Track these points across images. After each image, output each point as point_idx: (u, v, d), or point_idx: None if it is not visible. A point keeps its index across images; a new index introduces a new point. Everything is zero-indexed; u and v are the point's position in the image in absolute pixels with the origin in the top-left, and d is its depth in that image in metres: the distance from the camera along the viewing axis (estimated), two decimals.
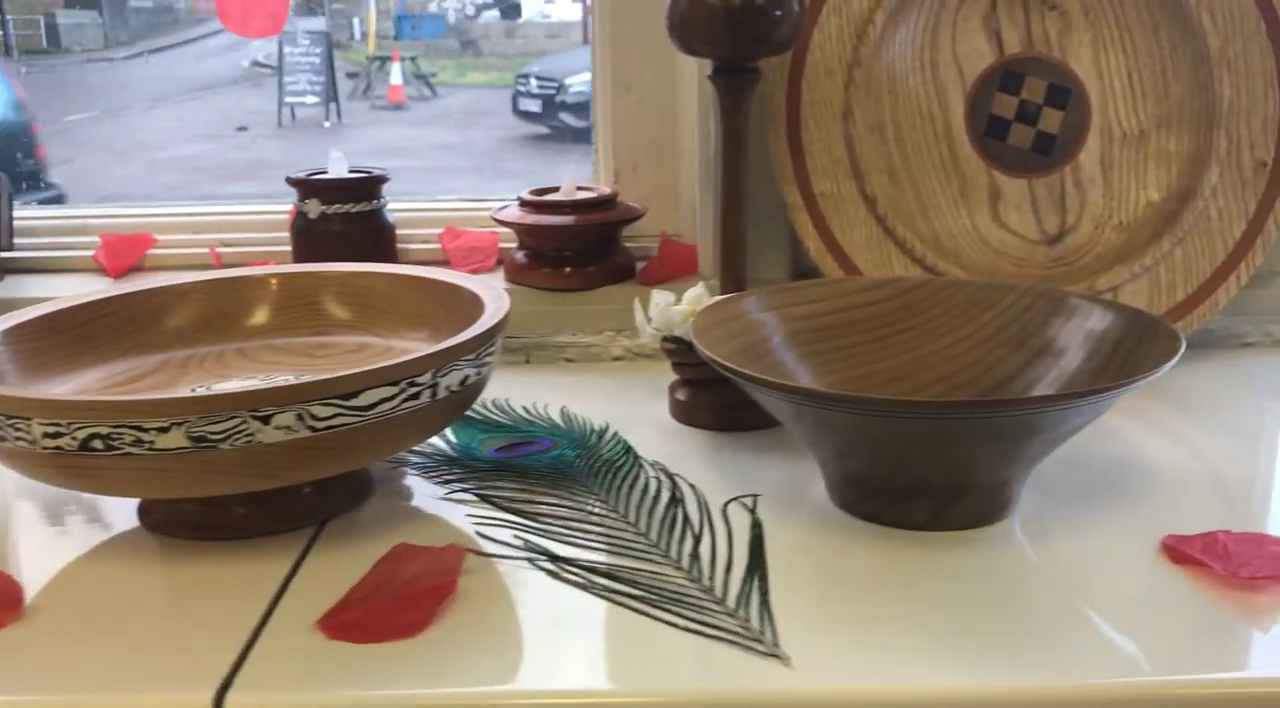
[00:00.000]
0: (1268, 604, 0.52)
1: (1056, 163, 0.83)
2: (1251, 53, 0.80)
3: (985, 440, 0.55)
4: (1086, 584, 0.55)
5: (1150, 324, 0.62)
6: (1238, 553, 0.56)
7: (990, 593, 0.54)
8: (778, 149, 0.81)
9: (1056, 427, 0.56)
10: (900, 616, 0.52)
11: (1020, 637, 0.50)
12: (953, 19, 0.82)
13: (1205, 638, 0.50)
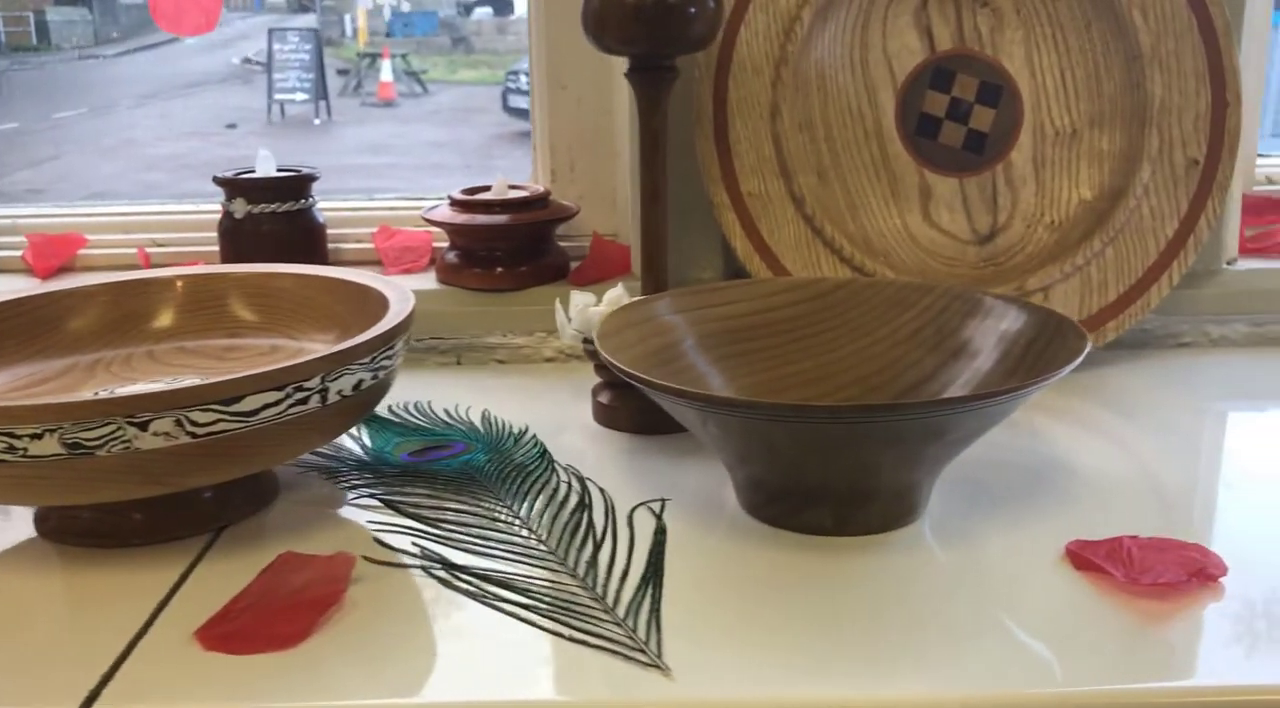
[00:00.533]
0: (1165, 612, 0.51)
1: (988, 161, 0.82)
2: (1183, 51, 0.79)
3: (881, 445, 0.54)
4: (989, 590, 0.54)
5: (1060, 325, 0.62)
6: (1141, 559, 0.55)
7: (890, 599, 0.53)
8: (704, 148, 0.80)
9: (956, 430, 0.55)
10: (796, 623, 0.51)
11: (913, 644, 0.49)
12: (883, 16, 0.81)
13: (1100, 646, 0.49)
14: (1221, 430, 0.74)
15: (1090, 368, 0.83)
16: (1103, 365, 0.84)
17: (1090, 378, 0.82)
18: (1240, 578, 0.54)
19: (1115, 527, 0.59)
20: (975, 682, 0.47)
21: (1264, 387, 0.82)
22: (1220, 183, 0.80)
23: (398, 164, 6.59)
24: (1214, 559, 0.55)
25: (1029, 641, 0.50)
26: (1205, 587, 0.53)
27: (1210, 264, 0.87)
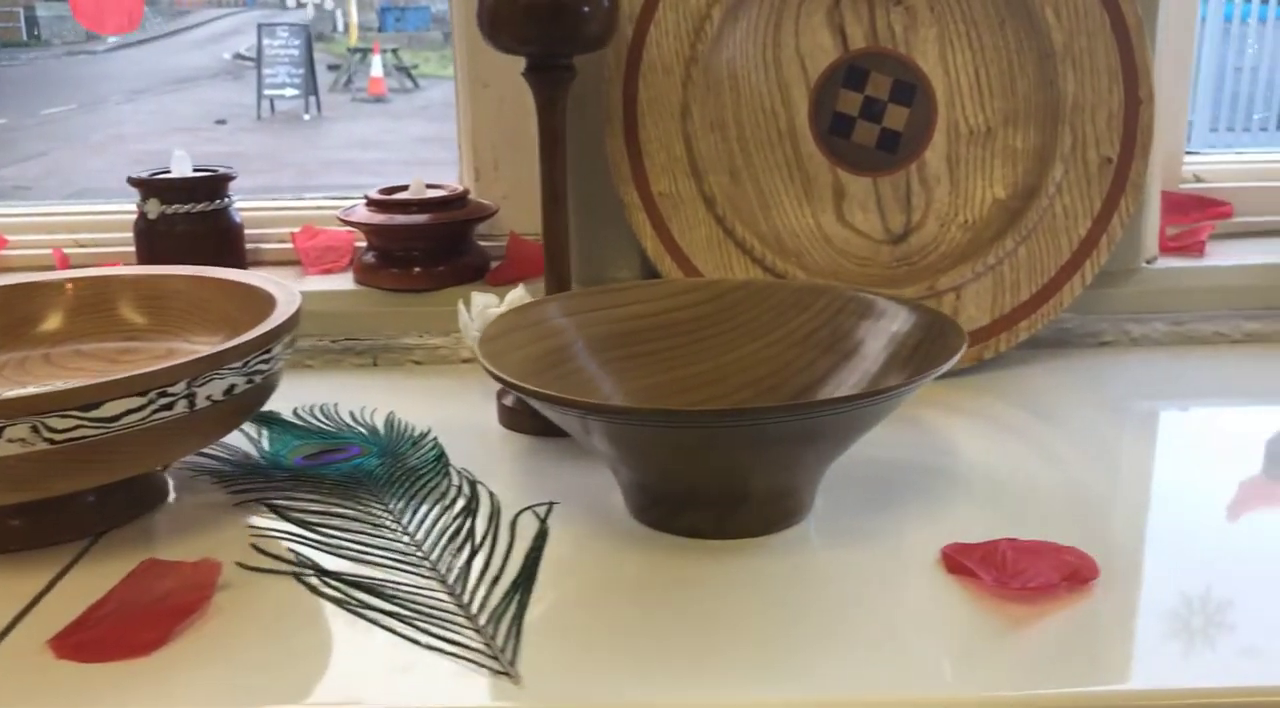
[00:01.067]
0: (1030, 616, 0.51)
1: (902, 160, 0.82)
2: (1096, 48, 0.79)
3: (748, 449, 0.54)
4: (863, 593, 0.54)
5: (942, 325, 0.61)
6: (1015, 562, 0.55)
7: (762, 603, 0.53)
8: (614, 148, 0.80)
9: (826, 433, 0.55)
10: (663, 628, 0.51)
11: (775, 649, 0.49)
12: (795, 14, 0.81)
13: (963, 650, 0.49)
14: (1133, 430, 0.74)
15: (1008, 367, 0.83)
16: (1021, 365, 0.83)
17: (1007, 377, 0.82)
18: (1113, 582, 0.54)
19: (1002, 529, 0.58)
20: (833, 687, 0.47)
21: (1182, 386, 0.81)
22: (1134, 181, 0.80)
23: (386, 160, 6.58)
24: (1089, 563, 0.54)
25: (893, 645, 0.49)
26: (1076, 591, 0.53)
27: (1129, 263, 0.86)
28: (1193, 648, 0.49)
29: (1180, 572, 0.55)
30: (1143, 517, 0.62)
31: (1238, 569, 0.55)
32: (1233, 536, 0.59)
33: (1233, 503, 0.63)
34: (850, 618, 0.52)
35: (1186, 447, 0.72)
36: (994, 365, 0.82)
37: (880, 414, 0.56)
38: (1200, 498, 0.63)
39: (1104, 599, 0.53)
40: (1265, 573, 0.55)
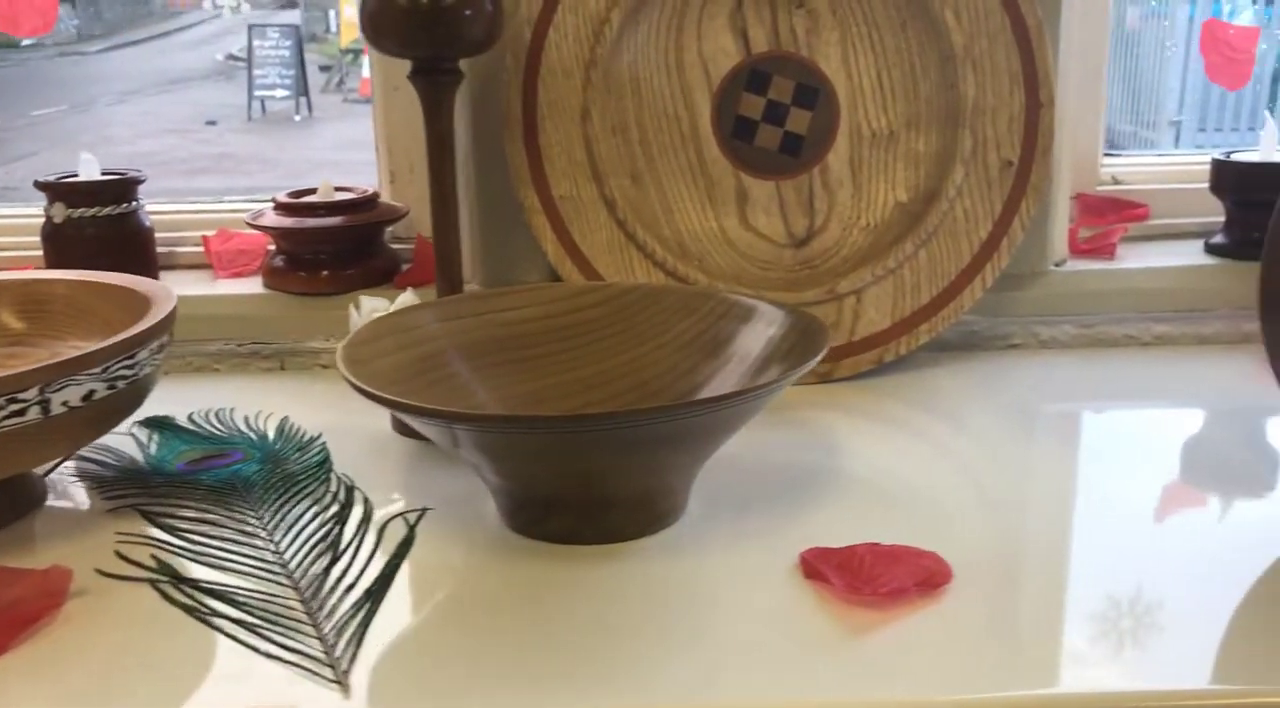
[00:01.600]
0: (875, 622, 0.51)
1: (805, 164, 0.82)
2: (997, 51, 0.79)
3: (601, 454, 0.53)
4: (718, 599, 0.54)
5: (810, 327, 0.61)
6: (872, 567, 0.55)
7: (615, 610, 0.53)
8: (514, 152, 0.79)
9: (683, 438, 0.55)
10: (512, 635, 0.51)
11: (620, 655, 0.49)
12: (697, 18, 0.80)
13: (801, 657, 0.49)
14: (1031, 433, 0.73)
15: (914, 369, 0.83)
16: (928, 367, 0.83)
17: (912, 380, 0.82)
18: (965, 588, 0.54)
19: (874, 532, 0.58)
20: (667, 695, 0.47)
21: (1088, 388, 0.81)
22: (1034, 184, 0.79)
23: (374, 161, 6.57)
24: (944, 568, 0.54)
25: (736, 652, 0.49)
26: (927, 596, 0.53)
27: (1037, 265, 0.86)
28: (1040, 652, 0.49)
29: (1040, 575, 0.56)
30: (1022, 520, 0.62)
31: (1108, 573, 0.55)
32: (1122, 539, 0.59)
33: (1128, 505, 0.63)
34: (698, 625, 0.52)
35: (1082, 449, 0.72)
36: (900, 368, 0.82)
37: (737, 417, 0.56)
38: (1091, 501, 0.63)
39: (954, 605, 0.53)
40: (1131, 577, 0.55)
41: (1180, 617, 0.52)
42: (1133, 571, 0.55)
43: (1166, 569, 0.55)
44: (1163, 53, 4.81)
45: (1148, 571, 0.55)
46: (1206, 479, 0.66)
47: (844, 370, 0.80)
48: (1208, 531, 0.60)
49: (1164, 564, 0.56)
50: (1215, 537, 0.59)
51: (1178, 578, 0.55)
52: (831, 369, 0.80)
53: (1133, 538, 0.59)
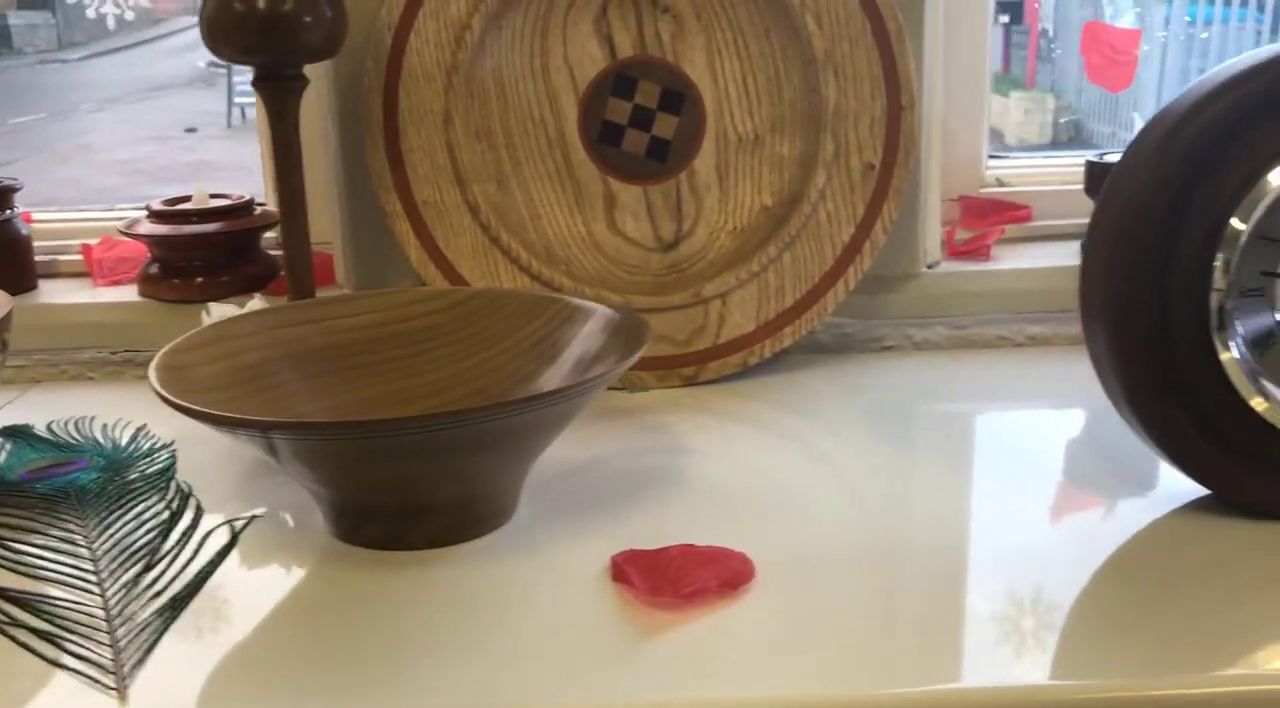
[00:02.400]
0: (667, 624, 0.51)
1: (672, 169, 0.82)
2: (858, 56, 0.79)
3: (404, 460, 0.54)
4: (526, 603, 0.54)
5: (635, 328, 0.62)
6: (679, 569, 0.55)
7: (420, 615, 0.53)
8: (375, 157, 0.80)
9: (494, 443, 0.55)
10: (308, 642, 0.51)
11: (413, 662, 0.49)
12: (562, 23, 0.81)
13: (591, 659, 0.49)
14: (891, 432, 0.74)
15: (787, 372, 0.83)
16: (801, 369, 0.84)
17: (781, 382, 0.82)
18: (767, 591, 0.54)
19: (701, 533, 0.58)
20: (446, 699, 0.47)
21: (957, 389, 0.82)
22: (896, 187, 0.80)
23: None
24: (748, 569, 0.55)
25: (528, 655, 0.50)
26: (728, 597, 0.53)
27: (909, 268, 0.86)
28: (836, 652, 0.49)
29: (856, 574, 0.56)
30: (852, 520, 0.62)
31: (940, 574, 0.56)
32: (972, 538, 0.60)
33: (985, 504, 0.63)
34: (498, 630, 0.52)
35: (945, 449, 0.73)
36: (771, 370, 0.82)
37: (547, 420, 0.56)
38: (945, 500, 0.64)
39: (754, 606, 0.53)
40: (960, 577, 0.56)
41: (1006, 616, 0.52)
42: (978, 570, 0.56)
43: (1004, 568, 0.56)
44: (1140, 54, 4.83)
45: (984, 569, 0.56)
46: (1061, 477, 0.67)
47: (710, 373, 0.81)
48: (1047, 529, 0.61)
49: (1002, 562, 0.57)
50: (1055, 534, 0.60)
51: (1012, 577, 0.55)
52: (697, 372, 0.81)
53: (984, 537, 0.60)
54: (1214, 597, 0.54)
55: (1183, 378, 0.56)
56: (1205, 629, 0.51)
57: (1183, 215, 0.54)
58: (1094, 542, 0.59)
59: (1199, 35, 5.56)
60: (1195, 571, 0.56)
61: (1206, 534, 0.58)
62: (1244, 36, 5.44)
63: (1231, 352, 0.55)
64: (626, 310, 0.65)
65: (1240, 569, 0.56)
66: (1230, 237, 0.54)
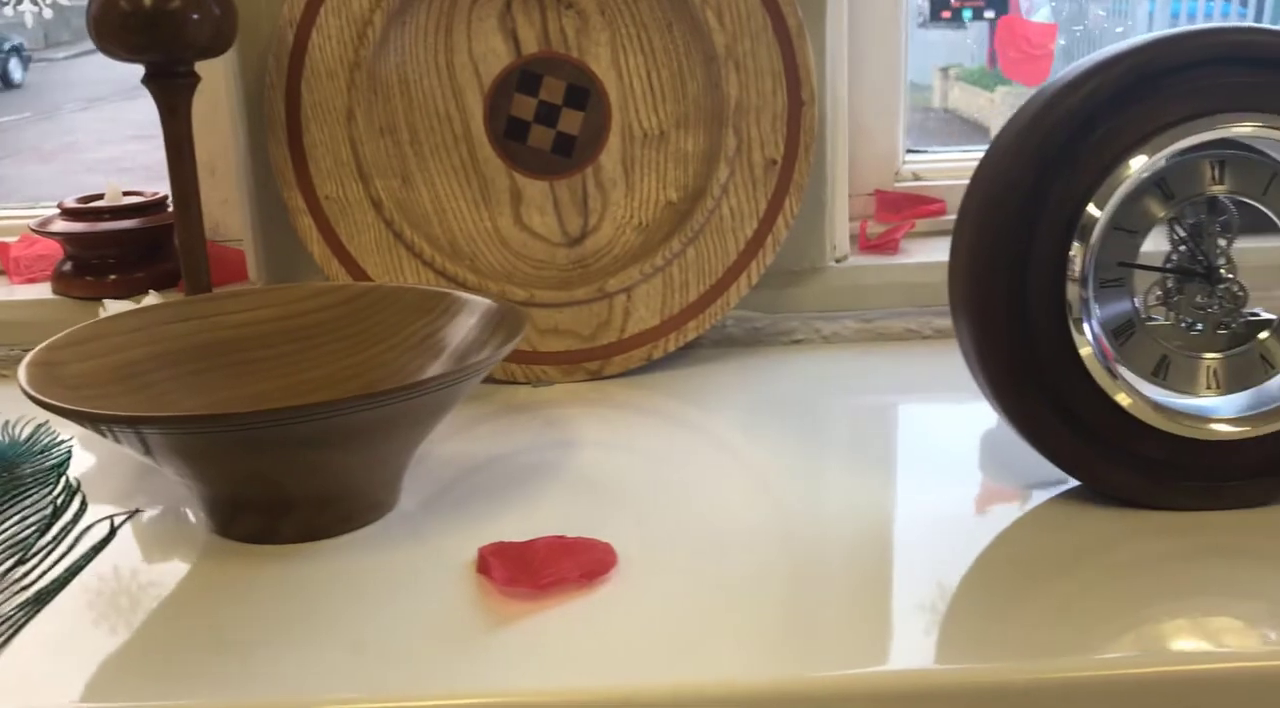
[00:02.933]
0: (519, 614, 0.52)
1: (578, 164, 0.82)
2: (759, 51, 0.80)
3: (264, 453, 0.54)
4: (388, 596, 0.55)
5: (513, 322, 0.62)
6: (544, 561, 0.55)
7: (279, 608, 0.53)
8: (277, 153, 0.80)
9: (356, 437, 0.55)
10: (164, 635, 0.52)
11: (265, 655, 0.50)
12: (466, 19, 0.81)
13: (441, 651, 0.50)
14: (789, 424, 0.74)
15: (697, 365, 0.84)
16: (712, 363, 0.84)
17: (689, 375, 0.82)
18: (632, 581, 0.54)
19: (575, 526, 0.58)
20: (292, 690, 0.47)
21: (861, 382, 0.82)
22: (797, 182, 0.80)
23: None
24: (610, 559, 0.55)
25: (379, 647, 0.50)
26: (587, 587, 0.54)
27: (817, 261, 0.87)
28: (693, 643, 0.50)
29: (733, 563, 0.56)
30: (749, 509, 0.63)
31: (827, 562, 0.57)
32: (849, 529, 0.60)
33: (864, 495, 0.64)
34: (354, 621, 0.52)
35: (838, 439, 0.74)
36: (679, 364, 0.83)
37: (411, 413, 0.56)
38: (835, 489, 0.65)
39: (611, 596, 0.53)
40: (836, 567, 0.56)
41: (883, 602, 0.53)
42: (861, 557, 0.57)
43: (885, 554, 0.58)
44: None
45: (867, 556, 0.57)
46: (954, 466, 0.67)
47: (614, 368, 0.81)
48: (934, 516, 0.61)
49: (884, 549, 0.58)
50: (940, 522, 0.60)
51: (894, 564, 0.57)
52: (602, 367, 0.81)
53: (873, 525, 0.60)
54: (1085, 581, 0.54)
55: (1043, 370, 0.56)
56: (1076, 612, 0.51)
57: (1040, 207, 0.55)
58: (978, 529, 0.60)
59: None
60: (1069, 556, 0.56)
61: (1078, 521, 0.59)
62: None
63: (1090, 344, 0.55)
64: (505, 303, 0.65)
65: (1112, 554, 0.57)
66: (1087, 227, 0.55)
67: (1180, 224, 0.57)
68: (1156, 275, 0.58)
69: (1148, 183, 0.55)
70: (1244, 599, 0.53)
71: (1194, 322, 0.57)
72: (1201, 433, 0.56)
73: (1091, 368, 0.55)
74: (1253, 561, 0.55)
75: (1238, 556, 0.55)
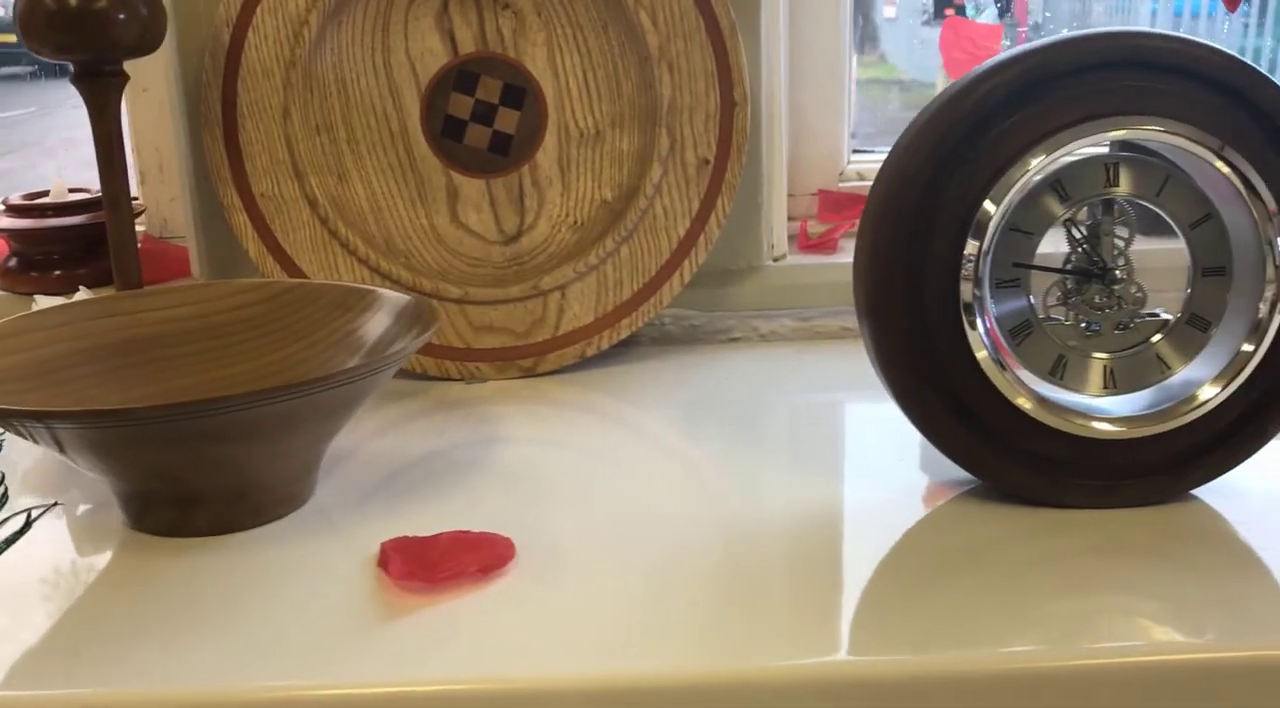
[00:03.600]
0: (412, 607, 0.52)
1: (514, 163, 0.83)
2: (692, 52, 0.80)
3: (163, 448, 0.55)
4: (289, 589, 0.55)
5: (425, 317, 0.63)
6: (443, 556, 0.56)
7: (179, 601, 0.54)
8: (213, 151, 0.81)
9: (254, 433, 0.56)
10: (71, 627, 0.52)
11: (158, 646, 0.50)
12: (403, 18, 0.82)
13: (332, 643, 0.50)
14: (720, 421, 0.75)
15: (634, 362, 0.84)
16: (649, 360, 0.85)
17: (624, 372, 0.83)
18: (525, 575, 0.55)
19: (488, 519, 0.59)
20: (186, 681, 0.48)
21: (799, 379, 0.83)
22: (729, 182, 0.81)
23: None
24: (508, 554, 0.56)
25: (273, 639, 0.51)
26: (482, 581, 0.54)
27: (754, 260, 0.88)
28: (590, 634, 0.51)
29: (650, 556, 0.57)
30: (674, 502, 0.64)
31: (748, 557, 0.57)
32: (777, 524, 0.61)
33: (790, 491, 0.64)
34: (250, 613, 0.53)
35: (763, 439, 0.74)
36: (613, 362, 0.84)
37: (315, 409, 0.57)
38: (755, 486, 0.65)
39: (501, 591, 0.54)
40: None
41: (790, 595, 0.54)
42: (777, 551, 0.58)
43: (799, 548, 0.58)
44: None
45: (782, 551, 0.58)
46: (879, 461, 0.68)
47: (548, 365, 0.82)
48: (852, 511, 0.62)
49: (799, 544, 0.58)
50: (857, 517, 0.61)
51: (807, 558, 0.57)
52: (536, 364, 0.82)
53: (795, 520, 0.61)
54: (985, 577, 0.55)
55: (940, 370, 0.57)
56: (975, 609, 0.52)
57: (936, 206, 0.55)
58: (891, 524, 0.60)
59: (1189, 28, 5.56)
60: (974, 552, 0.57)
61: (982, 519, 0.60)
62: (1232, 28, 5.43)
63: (985, 344, 0.56)
64: (419, 298, 0.66)
65: (1012, 551, 0.57)
66: (981, 227, 0.55)
67: (1077, 225, 0.57)
68: (1057, 275, 0.59)
69: (1043, 184, 0.56)
70: (1136, 597, 0.53)
71: (1091, 322, 0.58)
72: (1092, 432, 0.56)
73: (987, 369, 0.56)
74: (1146, 559, 0.56)
75: (1130, 554, 0.56)
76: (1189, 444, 0.57)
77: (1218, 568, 0.55)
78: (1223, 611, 0.51)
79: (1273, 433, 0.57)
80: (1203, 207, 0.56)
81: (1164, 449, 0.57)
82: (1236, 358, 0.56)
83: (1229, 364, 0.56)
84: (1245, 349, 0.56)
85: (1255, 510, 0.60)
